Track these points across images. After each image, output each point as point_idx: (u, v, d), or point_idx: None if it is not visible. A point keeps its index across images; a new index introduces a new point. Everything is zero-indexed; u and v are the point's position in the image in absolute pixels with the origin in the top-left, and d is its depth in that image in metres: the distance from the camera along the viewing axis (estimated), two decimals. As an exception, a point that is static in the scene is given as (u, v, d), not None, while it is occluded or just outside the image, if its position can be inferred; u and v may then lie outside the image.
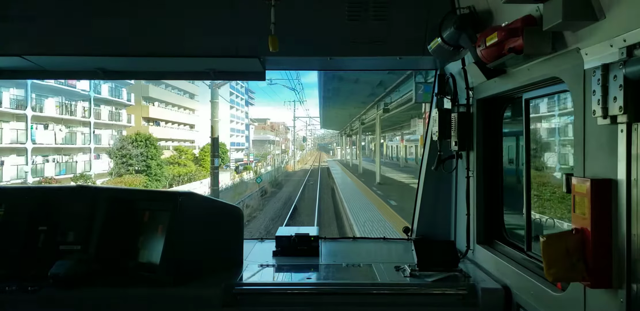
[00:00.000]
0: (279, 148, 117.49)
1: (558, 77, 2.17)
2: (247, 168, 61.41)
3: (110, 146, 40.26)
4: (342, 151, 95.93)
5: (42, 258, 2.97)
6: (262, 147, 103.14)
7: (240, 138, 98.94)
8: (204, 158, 51.90)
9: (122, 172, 37.36)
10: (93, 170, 39.54)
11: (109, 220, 3.12)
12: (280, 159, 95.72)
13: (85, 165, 39.59)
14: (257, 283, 2.95)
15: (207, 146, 55.75)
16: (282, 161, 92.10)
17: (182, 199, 2.93)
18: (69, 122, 39.23)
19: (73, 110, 39.45)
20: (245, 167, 62.97)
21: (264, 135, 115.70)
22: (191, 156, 50.91)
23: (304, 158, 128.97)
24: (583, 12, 1.80)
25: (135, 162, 37.56)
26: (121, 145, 38.00)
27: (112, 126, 45.61)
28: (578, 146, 1.98)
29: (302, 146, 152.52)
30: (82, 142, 40.20)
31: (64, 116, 37.89)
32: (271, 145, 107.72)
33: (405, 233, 3.97)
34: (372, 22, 3.25)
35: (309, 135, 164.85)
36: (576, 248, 1.86)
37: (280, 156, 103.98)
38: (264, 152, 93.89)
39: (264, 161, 77.10)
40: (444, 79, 3.65)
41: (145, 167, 37.79)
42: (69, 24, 3.22)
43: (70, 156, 39.48)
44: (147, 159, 37.92)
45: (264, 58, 3.41)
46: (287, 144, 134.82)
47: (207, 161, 50.93)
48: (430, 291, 2.85)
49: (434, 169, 3.60)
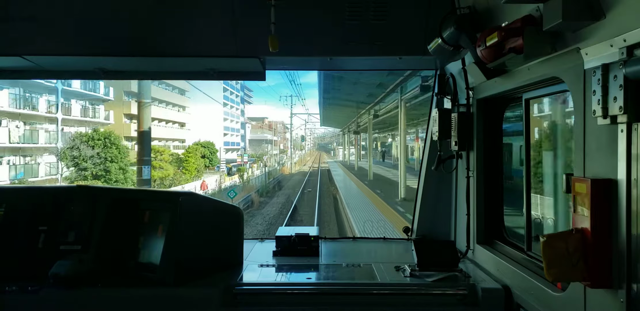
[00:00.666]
0: (277, 148, 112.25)
1: (558, 77, 2.17)
2: (241, 169, 57.18)
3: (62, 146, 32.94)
4: (344, 152, 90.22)
5: (42, 258, 2.97)
6: (259, 147, 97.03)
7: (236, 138, 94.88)
8: (188, 159, 48.43)
9: (73, 177, 31.19)
10: (61, 173, 33.07)
11: (109, 220, 3.12)
12: (277, 159, 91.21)
13: (52, 167, 33.66)
14: (257, 283, 2.95)
15: (194, 146, 52.15)
16: (279, 161, 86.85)
17: (183, 199, 2.93)
18: (29, 118, 33.77)
19: (35, 104, 33.92)
20: (239, 168, 58.34)
21: (262, 134, 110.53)
22: (169, 157, 44.23)
23: (303, 158, 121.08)
24: (583, 12, 1.80)
25: (90, 165, 30.96)
26: (73, 144, 31.14)
27: (86, 123, 40.26)
28: (578, 146, 1.98)
29: (302, 145, 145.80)
30: (46, 141, 33.76)
31: (22, 110, 32.27)
32: (269, 145, 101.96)
33: (405, 233, 3.97)
34: (372, 22, 3.25)
35: (309, 134, 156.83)
36: (576, 248, 1.86)
37: (278, 156, 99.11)
38: (260, 152, 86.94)
39: (260, 162, 72.22)
40: (444, 79, 3.65)
41: (104, 171, 31.45)
42: (69, 24, 3.22)
43: (32, 157, 33.94)
44: (105, 162, 31.45)
45: (264, 58, 3.41)
46: (286, 144, 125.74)
47: (192, 163, 48.12)
48: (430, 291, 2.85)
49: (434, 169, 3.60)
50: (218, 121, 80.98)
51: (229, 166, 59.85)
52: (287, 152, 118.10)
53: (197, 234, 3.00)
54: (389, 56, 3.44)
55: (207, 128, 74.85)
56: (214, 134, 72.68)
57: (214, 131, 76.82)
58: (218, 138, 74.13)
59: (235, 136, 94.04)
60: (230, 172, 57.10)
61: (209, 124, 76.59)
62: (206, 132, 70.43)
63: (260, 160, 74.38)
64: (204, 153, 53.56)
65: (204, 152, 53.86)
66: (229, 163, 62.86)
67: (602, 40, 1.77)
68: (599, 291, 1.87)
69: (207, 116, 75.72)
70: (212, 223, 3.12)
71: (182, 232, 2.89)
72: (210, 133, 71.85)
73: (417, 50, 3.31)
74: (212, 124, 77.94)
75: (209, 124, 76.89)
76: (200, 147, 53.53)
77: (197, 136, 63.40)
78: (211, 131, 74.51)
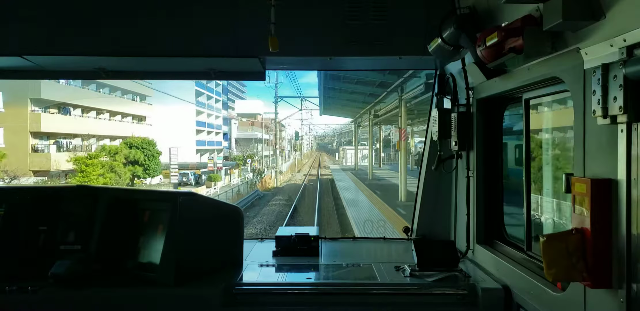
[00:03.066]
0: (270, 148, 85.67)
1: (558, 77, 2.17)
2: (213, 177, 45.24)
3: None
4: (355, 152, 60.16)
5: (42, 258, 2.97)
6: (247, 148, 78.74)
7: (217, 136, 77.13)
8: (86, 171, 31.05)
9: None
10: None
11: (109, 220, 3.12)
12: (270, 161, 70.18)
13: None
14: (257, 283, 2.95)
15: (112, 148, 36.06)
16: (268, 165, 66.40)
17: (183, 199, 2.93)
18: None
19: None
20: (209, 177, 46.38)
21: (251, 132, 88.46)
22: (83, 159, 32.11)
23: (298, 161, 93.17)
24: (583, 12, 1.80)
25: None
26: None
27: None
28: (578, 146, 1.98)
29: (299, 145, 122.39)
30: None
31: None
32: (259, 144, 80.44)
33: (405, 233, 3.97)
34: (372, 22, 3.26)
35: (307, 132, 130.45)
36: (576, 248, 1.86)
37: (270, 158, 75.95)
38: (249, 154, 68.74)
39: (244, 165, 57.91)
40: (444, 79, 3.65)
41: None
42: (69, 24, 3.23)
43: None
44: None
45: (264, 58, 3.41)
46: (282, 144, 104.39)
47: (93, 175, 30.82)
48: (430, 291, 2.85)
49: (434, 169, 3.60)
50: (187, 113, 62.75)
51: (198, 174, 48.93)
52: (284, 153, 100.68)
53: (197, 234, 3.00)
54: (389, 56, 3.44)
55: (174, 123, 59.79)
56: (183, 131, 60.15)
57: (183, 127, 61.76)
58: (189, 137, 62.05)
59: (219, 135, 77.98)
60: (200, 181, 46.47)
61: (175, 118, 60.03)
62: (173, 129, 57.94)
63: (243, 164, 59.48)
64: (134, 157, 37.32)
65: (135, 156, 37.37)
66: (199, 168, 51.80)
67: (602, 40, 1.77)
68: (599, 291, 1.87)
69: (173, 108, 57.46)
70: (212, 223, 3.12)
71: (182, 232, 2.89)
72: (178, 130, 58.99)
73: (417, 50, 3.31)
74: (180, 118, 60.59)
75: (176, 118, 60.08)
76: (126, 149, 37.05)
77: (162, 133, 51.41)
78: (179, 127, 60.16)
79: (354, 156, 63.79)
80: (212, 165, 51.63)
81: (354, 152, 61.68)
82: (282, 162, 75.73)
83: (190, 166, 53.52)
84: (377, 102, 32.60)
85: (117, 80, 3.68)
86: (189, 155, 58.96)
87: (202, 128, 69.68)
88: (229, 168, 55.26)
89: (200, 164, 54.86)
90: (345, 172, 50.50)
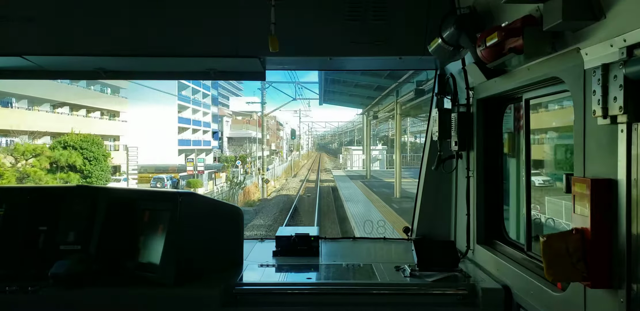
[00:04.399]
0: (268, 148, 76.50)
1: (558, 77, 2.17)
2: (193, 183, 38.90)
3: None
4: (367, 154, 41.16)
5: (42, 258, 2.97)
6: (240, 148, 69.85)
7: (206, 135, 69.29)
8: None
9: None
10: None
11: (109, 220, 3.12)
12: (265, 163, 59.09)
13: None
14: (257, 283, 2.95)
15: (32, 147, 26.93)
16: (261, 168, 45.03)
17: (183, 199, 2.93)
18: None
19: None
20: (188, 182, 39.91)
21: (245, 131, 76.75)
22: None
23: (295, 163, 78.00)
24: (583, 12, 1.80)
25: None
26: None
27: None
28: (578, 146, 1.98)
29: (296, 145, 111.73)
30: None
31: None
32: (253, 144, 66.02)
33: (405, 233, 3.97)
34: (372, 22, 3.26)
35: (307, 131, 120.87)
36: (576, 248, 1.86)
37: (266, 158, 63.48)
38: (241, 155, 60.41)
39: (235, 167, 49.17)
40: (444, 79, 3.65)
41: None
42: (69, 24, 3.23)
43: None
44: None
45: (264, 58, 3.41)
46: (278, 143, 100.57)
47: (36, 175, 24.73)
48: (430, 291, 2.85)
49: (434, 169, 3.60)
50: (170, 109, 55.05)
51: (177, 178, 41.16)
52: (282, 153, 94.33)
53: (197, 234, 3.00)
54: (389, 56, 3.45)
55: (153, 120, 52.53)
56: (163, 129, 53.14)
57: (163, 124, 53.98)
58: (170, 135, 54.89)
59: (204, 133, 69.24)
60: (178, 187, 38.32)
61: (154, 114, 52.37)
62: (152, 126, 51.44)
63: (231, 166, 50.53)
64: (69, 161, 28.26)
65: (69, 160, 28.27)
66: (180, 171, 44.21)
67: (602, 40, 1.77)
68: (599, 291, 1.87)
69: (152, 102, 49.47)
70: (212, 223, 3.12)
71: (182, 232, 2.89)
72: (157, 128, 52.15)
73: (417, 50, 3.31)
74: (159, 113, 52.79)
75: (155, 114, 52.46)
76: (58, 150, 28.30)
77: (139, 131, 46.56)
78: (159, 124, 52.95)
79: (362, 158, 49.01)
80: (191, 168, 43.34)
81: (365, 153, 42.60)
82: (276, 164, 65.40)
83: (171, 169, 47.01)
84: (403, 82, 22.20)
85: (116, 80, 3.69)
86: (169, 156, 52.75)
87: (187, 125, 61.65)
88: (214, 172, 47.32)
89: (182, 167, 47.57)
90: (353, 181, 34.30)
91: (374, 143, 54.16)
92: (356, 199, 24.49)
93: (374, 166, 44.90)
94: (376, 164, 47.90)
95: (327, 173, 56.85)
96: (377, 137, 64.21)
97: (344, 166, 58.00)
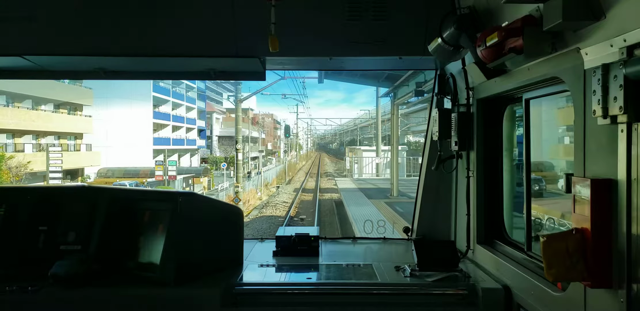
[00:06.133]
0: (264, 148, 72.59)
1: (558, 77, 2.17)
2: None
3: None
4: (394, 156, 24.89)
5: (42, 258, 2.97)
6: (231, 148, 55.78)
7: (191, 133, 61.63)
8: None
9: None
10: None
11: (109, 220, 3.12)
12: (259, 164, 55.93)
13: None
14: (257, 283, 2.95)
15: None
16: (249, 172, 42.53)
17: (183, 199, 2.93)
18: None
19: None
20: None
21: (240, 128, 53.37)
22: None
23: (291, 166, 66.09)
24: (583, 12, 1.80)
25: None
26: None
27: None
28: (578, 146, 1.98)
29: (296, 144, 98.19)
30: None
31: None
32: (246, 144, 47.04)
33: (406, 233, 3.97)
34: (372, 22, 3.26)
35: (304, 128, 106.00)
36: (576, 248, 1.86)
37: (260, 160, 60.44)
38: (232, 155, 51.48)
39: (219, 170, 43.45)
40: (444, 79, 3.65)
41: None
42: (69, 24, 3.23)
43: None
44: None
45: (264, 58, 3.41)
46: (275, 143, 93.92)
47: None
48: (430, 291, 2.85)
49: (434, 169, 3.60)
50: (143, 102, 47.86)
51: (143, 184, 34.01)
52: (279, 154, 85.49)
53: (197, 234, 3.00)
54: (389, 56, 3.45)
55: (124, 115, 45.87)
56: (134, 126, 46.13)
57: (135, 120, 46.75)
58: (142, 133, 47.51)
59: (188, 131, 61.30)
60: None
61: (125, 109, 45.84)
62: (124, 122, 45.27)
63: (214, 168, 44.40)
64: None
65: None
66: (152, 175, 36.26)
67: (602, 40, 1.77)
68: (599, 291, 1.87)
69: (121, 94, 43.87)
70: (212, 223, 3.12)
71: (182, 232, 2.89)
72: (129, 124, 45.62)
73: (417, 50, 3.31)
74: (132, 108, 46.21)
75: (126, 109, 45.93)
76: None
77: (106, 128, 41.06)
78: (131, 121, 46.13)
79: (376, 161, 36.42)
80: (161, 173, 35.14)
81: (392, 154, 27.22)
82: (272, 165, 58.04)
83: (142, 173, 39.09)
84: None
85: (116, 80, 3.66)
86: (143, 157, 45.03)
87: (165, 122, 53.63)
88: (192, 176, 39.50)
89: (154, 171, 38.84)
90: (373, 200, 21.75)
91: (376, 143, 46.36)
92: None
93: (386, 171, 33.72)
94: (388, 169, 33.61)
95: (328, 179, 46.50)
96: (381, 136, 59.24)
97: (349, 172, 41.32)
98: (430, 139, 3.81)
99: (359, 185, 29.45)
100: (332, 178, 45.08)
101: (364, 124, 76.08)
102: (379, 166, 35.96)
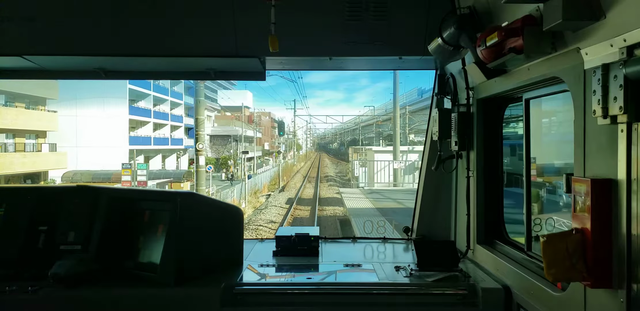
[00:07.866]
0: (260, 148, 66.27)
1: (558, 77, 2.17)
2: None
3: None
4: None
5: (42, 258, 2.97)
6: (224, 148, 58.16)
7: (178, 132, 55.79)
8: None
9: None
10: None
11: (109, 220, 3.12)
12: (253, 166, 50.38)
13: None
14: (257, 283, 2.95)
15: None
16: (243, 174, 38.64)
17: (183, 199, 2.93)
18: None
19: None
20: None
21: (232, 127, 60.46)
22: None
23: (286, 169, 55.97)
24: (583, 12, 1.80)
25: None
26: None
27: None
28: (578, 146, 1.98)
29: (294, 143, 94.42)
30: None
31: None
32: (239, 144, 51.08)
33: (406, 233, 3.97)
34: (372, 22, 3.26)
35: (303, 126, 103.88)
36: (576, 248, 1.86)
37: (255, 161, 54.81)
38: (223, 156, 51.43)
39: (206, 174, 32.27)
40: (444, 79, 3.65)
41: None
42: (69, 24, 3.23)
43: None
44: None
45: (264, 58, 3.41)
46: (272, 143, 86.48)
47: None
48: (430, 291, 2.85)
49: (434, 169, 3.61)
50: (117, 97, 41.71)
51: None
52: (276, 154, 79.42)
53: (197, 234, 3.00)
54: (389, 56, 3.45)
55: (95, 111, 40.75)
56: (106, 123, 40.81)
57: (108, 116, 41.35)
58: (117, 131, 41.81)
59: (173, 130, 55.25)
60: None
61: (96, 103, 40.70)
62: (95, 119, 40.15)
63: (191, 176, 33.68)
64: None
65: None
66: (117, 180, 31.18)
67: (602, 40, 1.77)
68: (599, 291, 1.87)
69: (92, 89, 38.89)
70: (212, 223, 3.12)
71: (182, 232, 2.89)
72: (101, 121, 40.45)
73: (417, 50, 3.31)
74: (104, 102, 41.01)
75: (97, 103, 40.76)
76: None
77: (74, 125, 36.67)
78: (103, 118, 40.90)
79: (394, 165, 26.82)
80: (128, 178, 30.08)
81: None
82: (269, 167, 52.91)
83: (114, 176, 34.63)
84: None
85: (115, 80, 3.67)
86: (119, 159, 38.26)
87: (145, 118, 47.24)
88: (168, 182, 34.36)
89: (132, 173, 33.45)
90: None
91: (377, 143, 41.53)
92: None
93: (406, 179, 26.51)
94: (409, 176, 26.71)
95: (329, 184, 39.83)
96: (381, 136, 53.36)
97: (355, 179, 31.20)
98: (430, 139, 3.81)
99: (376, 201, 19.74)
100: (334, 183, 39.43)
101: (369, 122, 69.93)
102: (396, 173, 26.50)
